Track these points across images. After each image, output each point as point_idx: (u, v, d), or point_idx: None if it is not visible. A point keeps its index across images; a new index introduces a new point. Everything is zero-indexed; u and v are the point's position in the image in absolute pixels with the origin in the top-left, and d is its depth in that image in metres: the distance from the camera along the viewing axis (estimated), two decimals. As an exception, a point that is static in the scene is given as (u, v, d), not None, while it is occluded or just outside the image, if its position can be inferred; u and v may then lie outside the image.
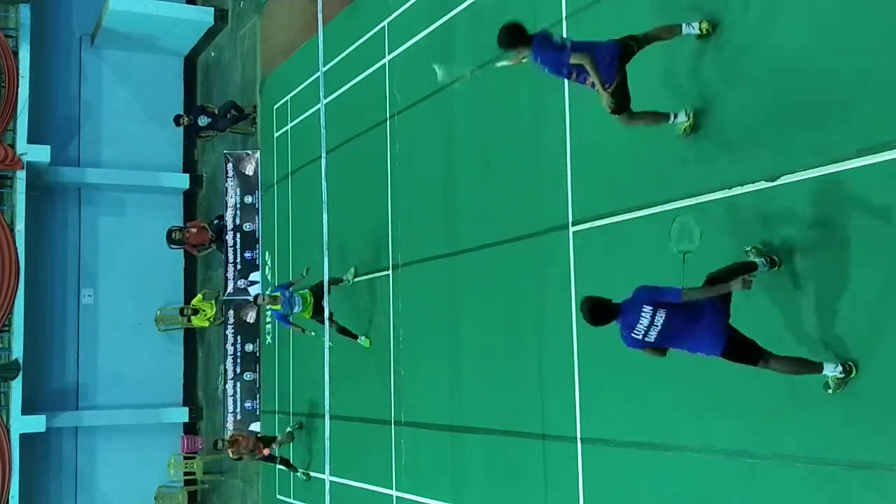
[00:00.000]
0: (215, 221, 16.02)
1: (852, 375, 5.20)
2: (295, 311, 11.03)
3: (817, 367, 5.26)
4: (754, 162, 5.89)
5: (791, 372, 5.33)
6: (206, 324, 16.55)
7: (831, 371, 5.22)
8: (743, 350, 5.28)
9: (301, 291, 11.10)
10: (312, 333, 11.34)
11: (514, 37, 5.96)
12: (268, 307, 11.57)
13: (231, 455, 12.62)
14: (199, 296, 16.77)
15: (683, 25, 6.20)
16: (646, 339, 5.23)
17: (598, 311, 5.34)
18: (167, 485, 17.33)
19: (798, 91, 5.65)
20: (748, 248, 5.75)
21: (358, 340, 11.11)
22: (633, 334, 5.23)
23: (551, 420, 7.74)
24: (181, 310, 16.70)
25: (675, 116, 6.30)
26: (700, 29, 6.17)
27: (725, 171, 6.11)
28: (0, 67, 15.95)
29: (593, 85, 5.90)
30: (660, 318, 5.17)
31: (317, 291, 11.02)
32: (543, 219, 7.92)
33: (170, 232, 16.48)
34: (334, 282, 11.09)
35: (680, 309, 5.19)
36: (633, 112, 6.16)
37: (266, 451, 12.77)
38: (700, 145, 6.34)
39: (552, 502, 7.71)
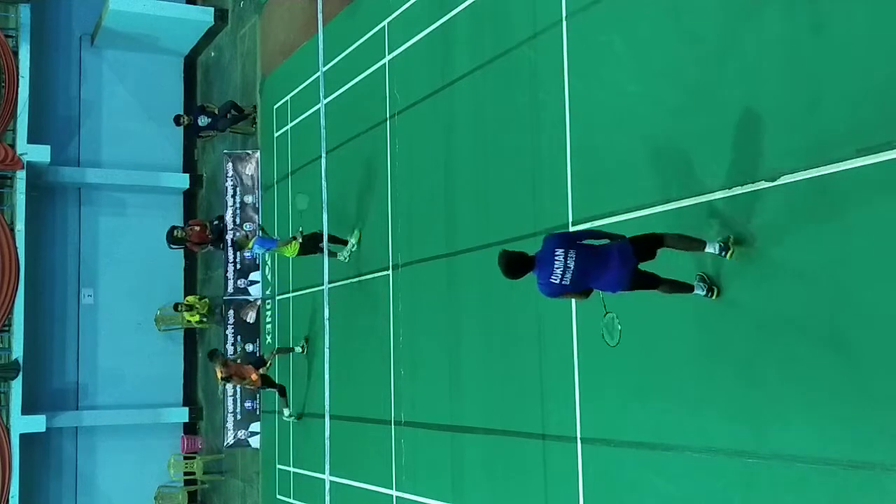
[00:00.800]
0: (215, 223, 16.02)
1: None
2: (270, 247, 11.45)
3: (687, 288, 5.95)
4: (754, 162, 5.89)
5: (671, 291, 5.95)
6: (197, 318, 16.52)
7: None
8: (644, 283, 5.78)
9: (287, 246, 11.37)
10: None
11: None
12: (248, 248, 11.84)
13: (219, 374, 12.15)
14: (195, 297, 16.78)
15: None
16: (562, 282, 5.53)
17: (514, 264, 5.69)
18: (167, 485, 17.34)
19: (798, 91, 5.65)
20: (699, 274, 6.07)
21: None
22: (551, 279, 5.54)
23: (551, 420, 7.74)
24: (175, 305, 16.66)
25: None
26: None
27: (725, 171, 6.10)
28: (0, 67, 15.95)
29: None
30: (571, 259, 5.52)
31: (312, 237, 11.22)
32: (543, 219, 7.91)
33: (171, 230, 16.49)
34: (334, 240, 11.18)
35: (589, 251, 5.59)
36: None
37: (254, 375, 12.31)
38: (700, 145, 6.34)
39: (552, 502, 7.71)
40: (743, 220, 5.98)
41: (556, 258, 5.51)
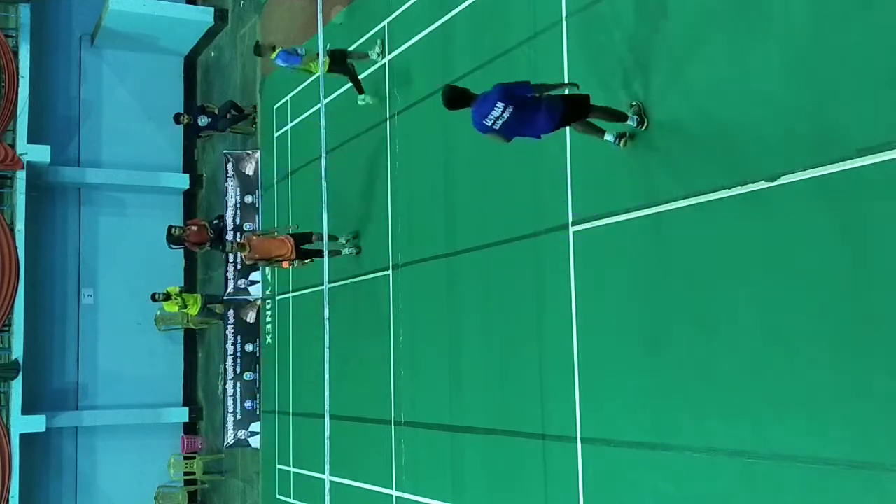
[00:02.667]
0: (215, 221, 16.01)
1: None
2: (294, 63, 10.99)
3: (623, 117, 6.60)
4: (754, 162, 5.89)
5: (609, 119, 6.62)
6: (176, 309, 16.35)
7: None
8: (573, 115, 6.44)
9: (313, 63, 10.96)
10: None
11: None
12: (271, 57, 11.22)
13: (246, 260, 11.41)
14: (177, 287, 16.62)
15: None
16: (493, 126, 6.26)
17: (455, 99, 6.48)
18: (167, 485, 17.34)
19: (798, 90, 5.65)
20: (633, 103, 6.72)
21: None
22: (483, 121, 6.24)
23: (551, 420, 7.74)
24: (153, 295, 16.40)
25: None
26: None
27: (725, 171, 6.10)
28: (0, 67, 15.95)
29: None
30: (507, 112, 6.19)
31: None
32: (543, 219, 7.92)
33: (169, 229, 16.45)
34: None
35: (524, 107, 6.23)
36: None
37: (285, 249, 11.32)
38: (700, 145, 6.34)
39: (552, 502, 7.71)
40: (742, 221, 5.99)
41: (496, 108, 6.18)
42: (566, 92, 6.62)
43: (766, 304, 5.79)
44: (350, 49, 11.01)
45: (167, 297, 16.06)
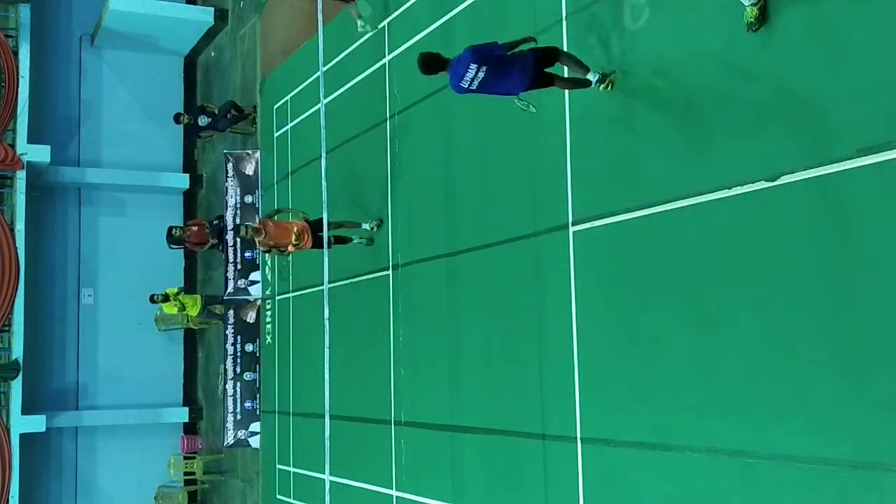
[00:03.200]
0: (215, 222, 16.02)
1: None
2: None
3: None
4: (754, 162, 5.89)
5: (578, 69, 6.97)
6: (175, 310, 16.39)
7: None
8: (544, 66, 6.76)
9: None
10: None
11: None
12: None
13: (260, 245, 10.94)
14: (175, 288, 16.66)
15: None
16: (469, 87, 6.63)
17: (430, 64, 6.85)
18: (167, 485, 17.34)
19: (797, 91, 5.65)
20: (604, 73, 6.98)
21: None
22: (460, 84, 6.61)
23: (551, 420, 7.74)
24: (151, 297, 16.44)
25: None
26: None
27: (725, 171, 6.11)
28: (0, 67, 15.95)
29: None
30: (481, 73, 6.52)
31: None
32: (543, 219, 7.92)
33: (170, 230, 16.47)
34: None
35: (497, 66, 6.55)
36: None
37: (297, 228, 10.66)
38: (700, 145, 6.34)
39: (552, 502, 7.71)
40: (742, 221, 5.99)
41: (469, 69, 6.51)
42: (535, 46, 6.93)
43: (765, 304, 5.79)
44: None
45: (165, 298, 16.08)
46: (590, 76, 7.00)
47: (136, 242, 17.85)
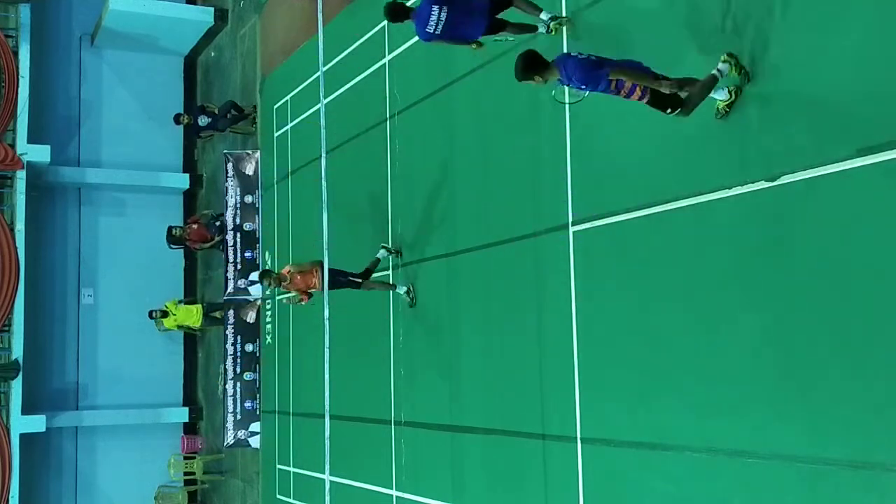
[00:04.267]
0: (217, 223, 16.01)
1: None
2: None
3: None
4: (754, 162, 5.89)
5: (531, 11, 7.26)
6: (174, 326, 16.49)
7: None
8: (500, 6, 7.07)
9: None
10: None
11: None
12: None
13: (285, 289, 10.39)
14: (174, 300, 16.74)
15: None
16: (436, 32, 6.92)
17: (395, 12, 7.36)
18: (167, 485, 17.35)
19: (798, 90, 5.65)
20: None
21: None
22: (426, 29, 6.91)
23: (551, 420, 7.74)
24: (150, 313, 16.52)
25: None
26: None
27: (725, 171, 6.11)
28: (0, 67, 15.95)
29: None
30: (443, 13, 6.85)
31: None
32: (543, 219, 7.91)
33: (170, 230, 16.48)
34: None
35: (456, 6, 6.88)
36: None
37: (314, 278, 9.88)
38: (700, 145, 6.34)
39: (552, 502, 7.71)
40: (742, 221, 5.99)
41: (432, 12, 6.84)
42: None
43: (765, 304, 5.79)
44: None
45: (164, 314, 16.11)
46: (542, 15, 7.34)
47: (136, 242, 17.85)
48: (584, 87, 5.65)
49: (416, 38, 10.12)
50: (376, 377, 10.76)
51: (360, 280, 9.96)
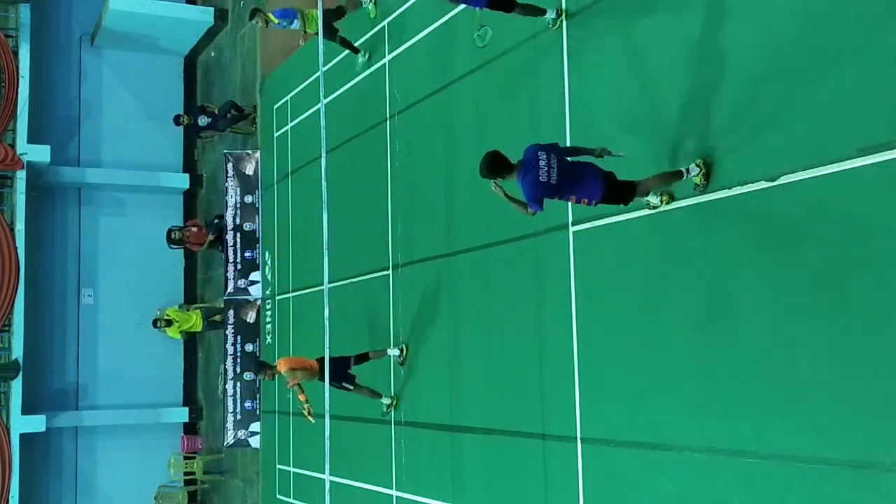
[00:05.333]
0: (215, 221, 16.01)
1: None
2: (294, 26, 11.21)
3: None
4: (754, 162, 5.89)
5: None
6: (178, 335, 16.53)
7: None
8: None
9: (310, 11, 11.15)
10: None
11: (497, 166, 6.18)
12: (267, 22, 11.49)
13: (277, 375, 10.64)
14: (175, 307, 16.76)
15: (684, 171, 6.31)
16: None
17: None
18: (167, 485, 17.35)
19: (797, 90, 5.66)
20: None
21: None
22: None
23: (551, 420, 7.74)
24: (154, 321, 16.56)
25: (688, 171, 6.28)
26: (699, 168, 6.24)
27: (725, 171, 6.11)
28: (0, 67, 15.95)
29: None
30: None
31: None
32: (543, 219, 7.88)
33: (169, 232, 16.48)
34: None
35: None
36: (639, 183, 6.33)
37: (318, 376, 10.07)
38: (700, 146, 6.34)
39: (552, 502, 7.71)
40: (742, 221, 5.99)
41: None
42: None
43: (765, 304, 5.79)
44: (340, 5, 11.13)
45: (169, 323, 16.13)
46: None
47: (136, 242, 17.85)
48: (533, 203, 6.02)
49: (416, 38, 10.15)
50: (376, 377, 10.76)
51: (351, 387, 10.29)
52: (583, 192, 6.09)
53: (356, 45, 11.50)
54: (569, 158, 6.14)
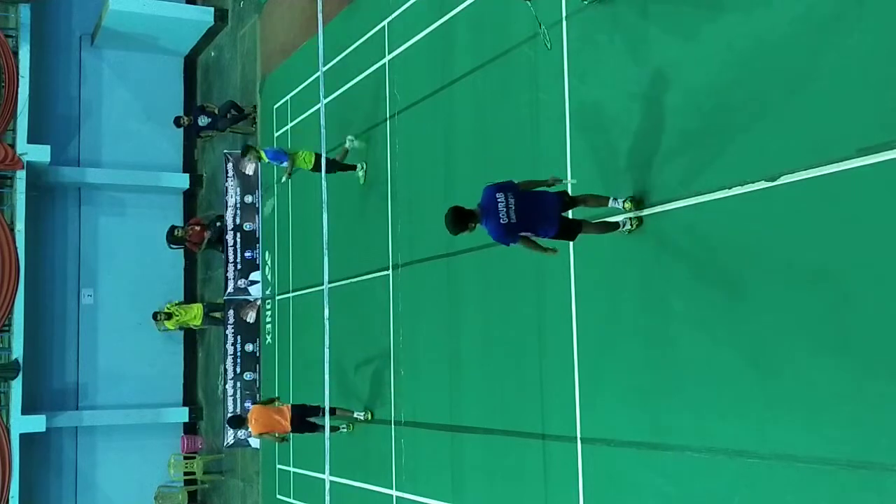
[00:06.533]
0: (217, 223, 15.99)
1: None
2: (283, 165, 11.49)
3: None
4: (754, 161, 5.89)
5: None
6: (176, 328, 16.50)
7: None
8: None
9: (301, 153, 11.40)
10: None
11: (460, 220, 6.36)
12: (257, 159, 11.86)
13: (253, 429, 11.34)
14: (176, 302, 16.74)
15: (611, 200, 6.72)
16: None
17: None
18: (167, 485, 17.35)
19: (798, 90, 5.65)
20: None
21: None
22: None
23: (551, 420, 7.74)
24: (154, 314, 16.55)
25: (624, 225, 6.72)
26: (623, 207, 6.64)
27: (725, 171, 6.11)
28: (0, 67, 15.95)
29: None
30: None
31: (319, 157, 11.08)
32: (543, 219, 7.90)
33: (172, 230, 16.45)
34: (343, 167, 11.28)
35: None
36: (585, 224, 6.75)
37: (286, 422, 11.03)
38: (699, 146, 6.35)
39: (552, 502, 7.71)
40: (742, 221, 5.99)
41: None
42: None
43: (765, 303, 5.79)
44: (336, 158, 11.38)
45: (168, 316, 16.11)
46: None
47: (136, 242, 17.86)
48: (497, 239, 6.33)
49: (416, 38, 10.14)
50: (376, 377, 10.76)
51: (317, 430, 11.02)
52: (540, 229, 6.40)
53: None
54: (527, 192, 6.40)
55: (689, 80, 6.48)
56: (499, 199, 6.19)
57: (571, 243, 7.33)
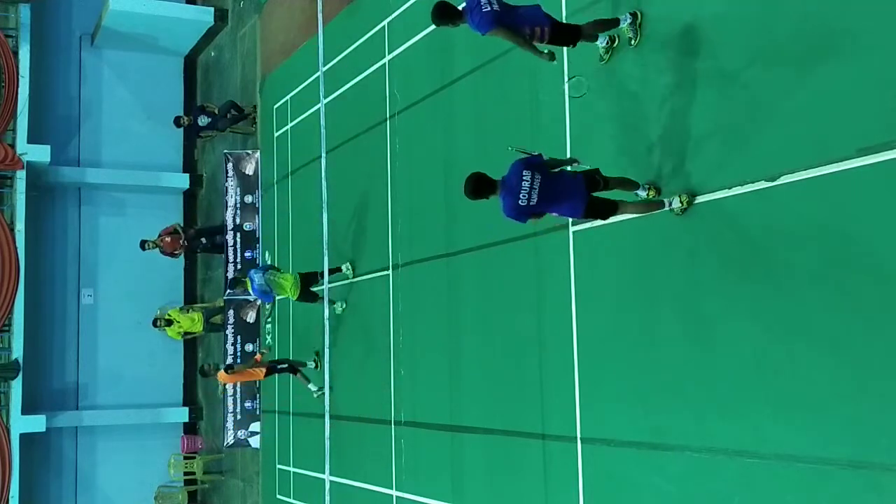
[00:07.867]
0: (217, 239, 15.86)
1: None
2: (267, 303, 11.50)
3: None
4: (754, 161, 5.89)
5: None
6: (178, 336, 16.52)
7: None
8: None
9: (280, 276, 11.42)
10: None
11: (480, 188, 6.23)
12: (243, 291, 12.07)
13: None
14: (177, 308, 16.75)
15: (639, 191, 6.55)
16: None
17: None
18: (167, 485, 17.35)
19: (797, 90, 5.66)
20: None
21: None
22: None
23: (551, 420, 7.74)
24: (154, 321, 16.56)
25: (671, 204, 6.45)
26: (680, 201, 6.36)
27: (725, 171, 6.11)
28: (0, 67, 15.95)
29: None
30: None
31: (305, 277, 11.23)
32: (543, 218, 7.90)
33: (142, 243, 16.16)
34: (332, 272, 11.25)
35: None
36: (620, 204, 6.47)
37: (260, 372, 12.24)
38: (700, 145, 6.35)
39: (552, 502, 7.71)
40: (742, 221, 5.99)
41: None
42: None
43: (766, 303, 5.79)
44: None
45: (169, 322, 16.11)
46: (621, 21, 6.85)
47: (137, 242, 17.82)
48: (508, 216, 6.17)
49: (416, 38, 10.15)
50: (376, 377, 10.76)
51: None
52: (566, 209, 6.25)
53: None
54: (554, 173, 6.19)
55: (688, 79, 6.48)
56: (524, 178, 5.96)
57: (571, 244, 7.34)
